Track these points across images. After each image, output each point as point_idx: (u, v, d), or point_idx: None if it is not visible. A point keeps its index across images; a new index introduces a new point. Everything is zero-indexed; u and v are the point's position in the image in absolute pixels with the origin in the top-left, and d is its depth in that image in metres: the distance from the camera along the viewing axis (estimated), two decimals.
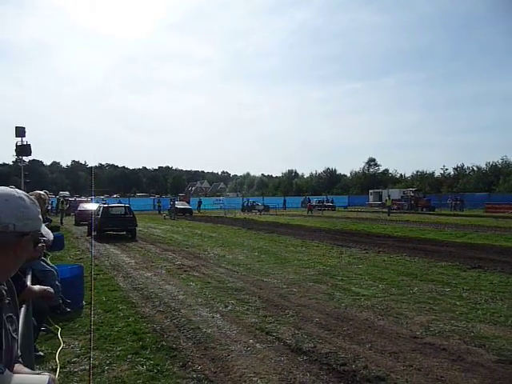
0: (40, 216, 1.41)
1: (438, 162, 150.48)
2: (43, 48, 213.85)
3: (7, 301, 1.37)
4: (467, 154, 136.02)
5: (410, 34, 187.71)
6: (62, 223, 26.50)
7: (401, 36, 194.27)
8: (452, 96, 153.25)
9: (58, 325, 5.42)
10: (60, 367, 4.26)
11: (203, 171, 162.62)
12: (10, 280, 1.48)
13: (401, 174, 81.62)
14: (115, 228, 19.00)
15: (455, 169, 71.56)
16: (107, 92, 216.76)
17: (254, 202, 50.65)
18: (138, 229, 19.23)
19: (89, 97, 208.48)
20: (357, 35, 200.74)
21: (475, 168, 68.23)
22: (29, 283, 2.98)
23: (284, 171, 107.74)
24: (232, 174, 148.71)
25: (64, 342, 4.97)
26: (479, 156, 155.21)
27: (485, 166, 66.89)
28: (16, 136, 32.59)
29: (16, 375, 1.07)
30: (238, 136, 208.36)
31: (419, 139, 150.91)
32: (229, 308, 6.65)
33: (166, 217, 35.45)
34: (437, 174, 73.73)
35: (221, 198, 68.10)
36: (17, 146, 32.79)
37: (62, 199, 32.67)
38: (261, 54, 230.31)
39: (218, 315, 6.26)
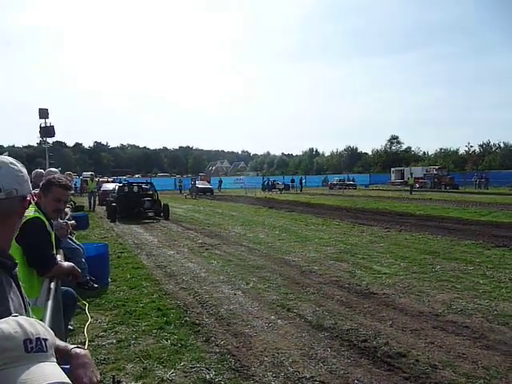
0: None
1: (463, 139, 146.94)
2: (62, 32, 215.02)
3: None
4: (494, 131, 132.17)
5: (436, 7, 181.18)
6: (93, 209, 22.35)
7: (425, 9, 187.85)
8: (478, 71, 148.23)
9: (85, 301, 5.59)
10: (88, 340, 4.41)
11: (223, 151, 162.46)
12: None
13: (424, 152, 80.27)
14: None
15: (481, 146, 69.87)
16: (126, 75, 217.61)
17: (274, 180, 50.64)
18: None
19: (108, 79, 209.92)
20: (379, 9, 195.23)
21: (502, 144, 66.43)
22: (59, 260, 3.08)
23: (304, 150, 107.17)
24: (252, 153, 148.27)
25: (91, 317, 5.14)
26: (507, 133, 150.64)
27: None
28: (40, 118, 32.84)
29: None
30: (258, 115, 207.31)
31: (443, 116, 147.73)
32: (250, 285, 6.74)
33: (188, 196, 35.80)
34: (461, 151, 72.17)
35: (241, 177, 68.25)
36: (41, 127, 33.06)
37: (90, 177, 26.93)
38: (279, 31, 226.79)
39: (240, 292, 6.36)
